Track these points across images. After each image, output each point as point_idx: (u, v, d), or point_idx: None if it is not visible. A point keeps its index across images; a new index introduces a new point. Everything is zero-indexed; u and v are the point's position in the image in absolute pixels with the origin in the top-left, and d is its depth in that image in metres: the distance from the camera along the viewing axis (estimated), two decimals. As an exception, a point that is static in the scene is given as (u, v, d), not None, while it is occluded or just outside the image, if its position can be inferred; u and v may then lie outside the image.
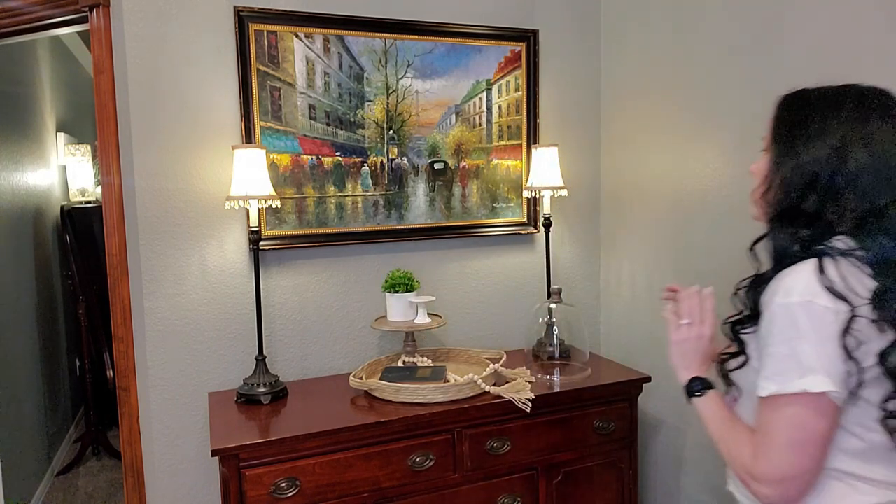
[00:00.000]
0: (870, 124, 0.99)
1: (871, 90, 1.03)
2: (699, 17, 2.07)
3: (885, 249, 0.96)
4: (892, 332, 0.94)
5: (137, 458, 2.05)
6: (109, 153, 1.98)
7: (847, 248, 0.98)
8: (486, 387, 1.94)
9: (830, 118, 1.01)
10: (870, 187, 0.97)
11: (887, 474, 0.99)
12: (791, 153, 1.03)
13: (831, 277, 0.94)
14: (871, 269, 0.96)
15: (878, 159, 0.98)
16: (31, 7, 2.03)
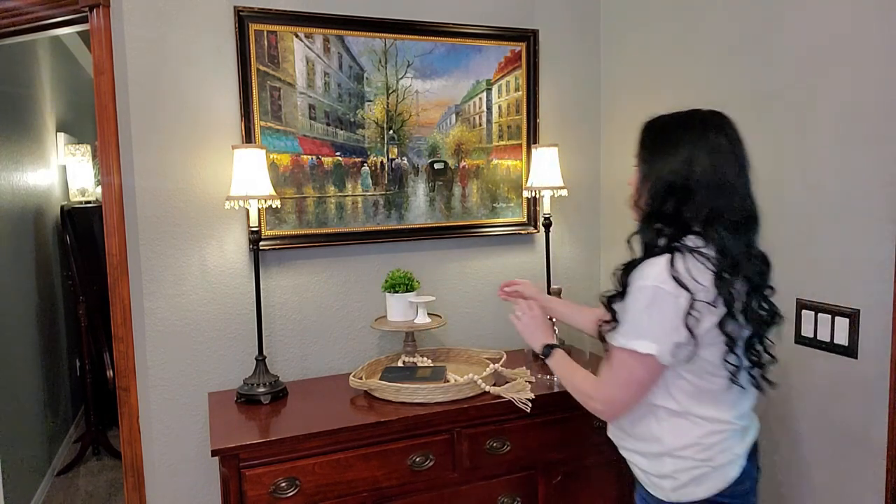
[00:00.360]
0: (710, 140, 1.27)
1: (710, 112, 1.34)
2: (699, 17, 2.07)
3: (723, 243, 1.24)
4: (724, 307, 1.23)
5: (137, 458, 2.05)
6: (109, 153, 1.98)
7: (695, 247, 1.25)
8: (486, 387, 1.94)
9: (681, 136, 1.29)
10: (712, 191, 1.25)
11: (714, 413, 1.30)
12: (653, 167, 1.31)
13: (678, 269, 1.22)
14: (711, 263, 1.23)
15: (717, 168, 1.25)
16: (31, 7, 2.03)
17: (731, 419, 1.31)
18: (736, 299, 1.24)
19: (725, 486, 1.31)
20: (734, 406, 1.32)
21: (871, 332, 1.58)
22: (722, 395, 1.30)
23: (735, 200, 1.26)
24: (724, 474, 1.31)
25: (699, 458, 1.30)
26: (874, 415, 1.58)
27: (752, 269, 1.26)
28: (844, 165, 1.63)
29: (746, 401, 1.36)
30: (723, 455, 1.31)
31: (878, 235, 1.54)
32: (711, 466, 1.30)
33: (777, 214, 1.81)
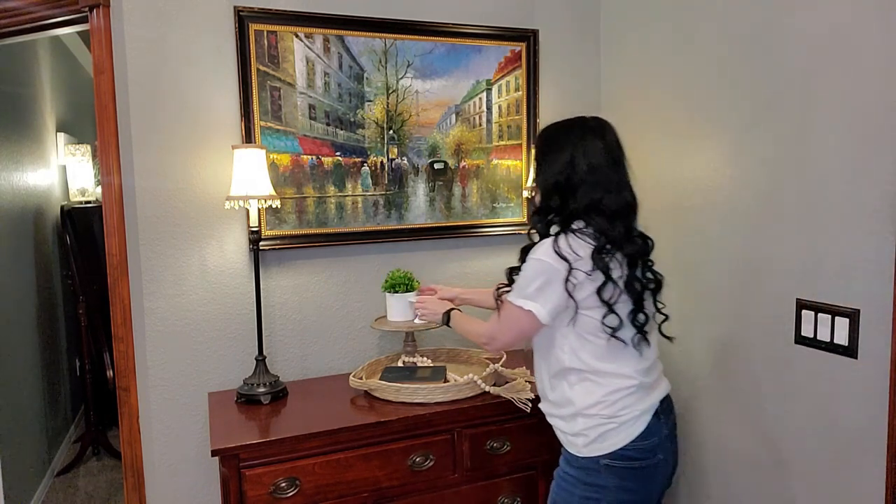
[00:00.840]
0: (588, 143, 1.49)
1: (593, 119, 1.56)
2: (699, 17, 2.07)
3: (600, 226, 1.47)
4: (603, 277, 1.44)
5: (137, 458, 2.05)
6: (109, 153, 1.98)
7: (577, 228, 1.49)
8: (486, 387, 1.94)
9: (563, 141, 1.52)
10: (590, 187, 1.47)
11: (615, 369, 1.50)
12: (543, 170, 1.55)
13: (560, 247, 1.45)
14: (592, 239, 1.47)
15: (595, 167, 1.48)
16: (31, 7, 2.03)
17: (631, 374, 1.50)
18: (613, 270, 1.46)
19: (630, 441, 1.48)
20: (634, 363, 1.51)
21: (871, 332, 1.58)
22: (618, 353, 1.50)
23: (612, 193, 1.48)
24: (628, 429, 1.49)
25: (604, 414, 1.49)
26: (874, 415, 1.57)
27: (631, 247, 1.48)
28: (844, 165, 1.63)
29: (646, 360, 1.54)
30: (626, 411, 1.49)
31: (878, 235, 1.54)
32: (617, 422, 1.49)
33: (777, 214, 1.81)
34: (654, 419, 1.52)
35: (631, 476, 1.49)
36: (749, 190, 1.91)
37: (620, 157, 1.52)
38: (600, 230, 1.46)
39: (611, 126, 1.55)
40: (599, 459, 1.50)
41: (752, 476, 1.95)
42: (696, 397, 2.14)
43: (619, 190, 1.49)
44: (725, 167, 1.99)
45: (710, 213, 2.06)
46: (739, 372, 1.97)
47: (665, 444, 1.53)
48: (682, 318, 2.18)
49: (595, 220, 1.47)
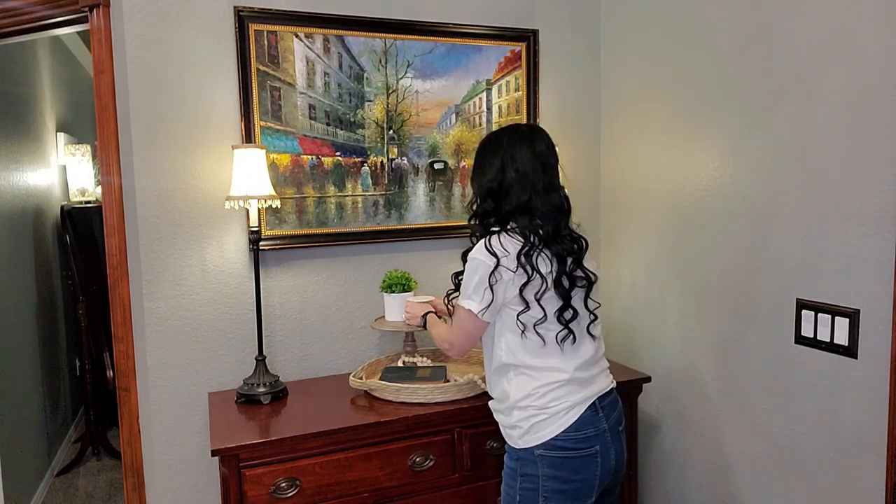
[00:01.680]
0: (516, 150, 1.58)
1: (527, 127, 1.65)
2: (699, 17, 2.07)
3: (526, 225, 1.55)
4: (527, 274, 1.51)
5: (137, 458, 2.05)
6: (109, 153, 1.98)
7: (510, 227, 1.57)
8: (486, 387, 1.94)
9: (495, 150, 1.61)
10: (519, 189, 1.56)
11: (546, 363, 1.56)
12: (477, 177, 1.65)
13: (492, 244, 1.54)
14: (520, 237, 1.55)
15: (522, 172, 1.56)
16: (31, 7, 2.03)
17: (561, 367, 1.56)
18: (541, 267, 1.53)
19: (561, 431, 1.53)
20: (565, 358, 1.57)
21: (871, 332, 1.58)
22: (549, 349, 1.56)
23: (539, 195, 1.55)
24: (559, 420, 1.54)
25: (536, 405, 1.55)
26: (874, 415, 1.58)
27: (559, 246, 1.55)
28: (844, 165, 1.63)
29: (579, 356, 1.59)
30: (557, 403, 1.54)
31: (878, 235, 1.54)
32: (548, 413, 1.54)
33: (777, 214, 1.81)
34: (590, 412, 1.56)
35: (563, 465, 1.54)
36: (749, 190, 1.91)
37: (549, 162, 1.59)
38: (528, 229, 1.54)
39: (543, 132, 1.64)
40: (534, 450, 1.55)
41: (752, 476, 1.95)
42: (696, 397, 2.14)
43: (547, 192, 1.57)
44: (725, 167, 1.99)
45: (709, 213, 2.06)
46: (739, 372, 1.97)
47: (603, 437, 1.56)
48: (683, 318, 2.19)
49: (523, 221, 1.55)
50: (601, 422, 1.57)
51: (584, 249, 1.62)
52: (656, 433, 2.36)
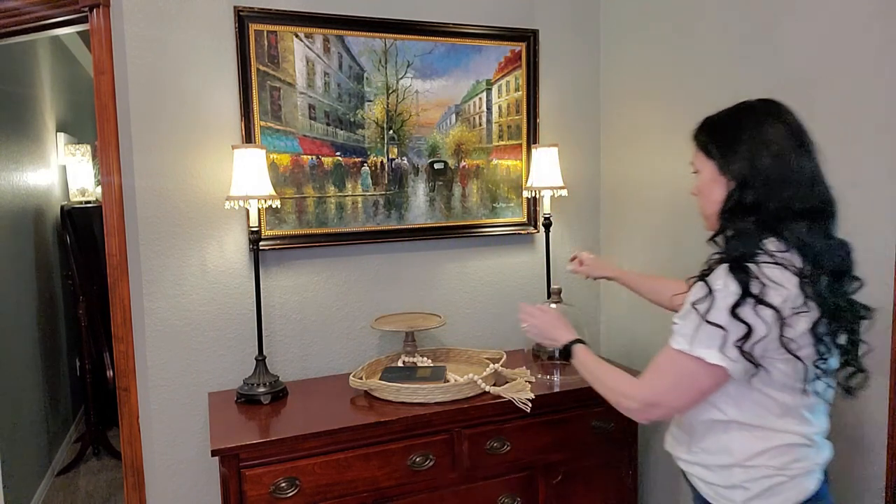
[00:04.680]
0: (765, 126, 1.21)
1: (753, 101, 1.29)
2: (698, 17, 2.07)
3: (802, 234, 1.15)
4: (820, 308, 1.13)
5: (137, 458, 2.05)
6: (109, 153, 1.98)
7: (775, 249, 1.16)
8: (485, 387, 1.94)
9: (741, 125, 1.24)
10: (780, 180, 1.16)
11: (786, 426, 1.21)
12: (730, 159, 1.23)
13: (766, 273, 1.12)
14: (797, 258, 1.14)
15: (778, 155, 1.17)
16: (31, 7, 2.03)
17: (808, 425, 1.23)
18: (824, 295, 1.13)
19: (803, 500, 1.21)
20: (816, 418, 1.24)
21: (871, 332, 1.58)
22: (798, 409, 1.21)
23: (805, 189, 1.17)
24: (801, 485, 1.22)
25: (772, 465, 1.21)
26: (874, 415, 1.57)
27: (834, 259, 1.16)
28: (844, 165, 1.62)
29: (824, 415, 1.27)
30: (799, 464, 1.22)
31: (879, 235, 1.54)
32: (787, 476, 1.21)
33: (777, 214, 1.81)
34: (825, 479, 1.27)
35: None
36: (749, 190, 1.90)
37: (808, 142, 1.22)
38: (802, 243, 1.15)
39: (783, 105, 1.28)
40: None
41: (751, 476, 1.95)
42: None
43: (814, 184, 1.19)
44: (725, 167, 1.98)
45: (710, 213, 2.06)
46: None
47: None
48: (682, 318, 2.18)
49: (796, 227, 1.16)
50: (828, 491, 1.28)
51: None
52: (656, 433, 2.36)
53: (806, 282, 1.13)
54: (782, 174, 1.16)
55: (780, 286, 1.12)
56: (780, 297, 1.12)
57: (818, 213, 1.17)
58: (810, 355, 1.16)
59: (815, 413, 1.24)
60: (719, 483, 1.27)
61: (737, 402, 1.21)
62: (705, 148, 1.29)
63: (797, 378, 1.17)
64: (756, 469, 1.22)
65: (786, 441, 1.21)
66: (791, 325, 1.12)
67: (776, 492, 1.21)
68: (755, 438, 1.22)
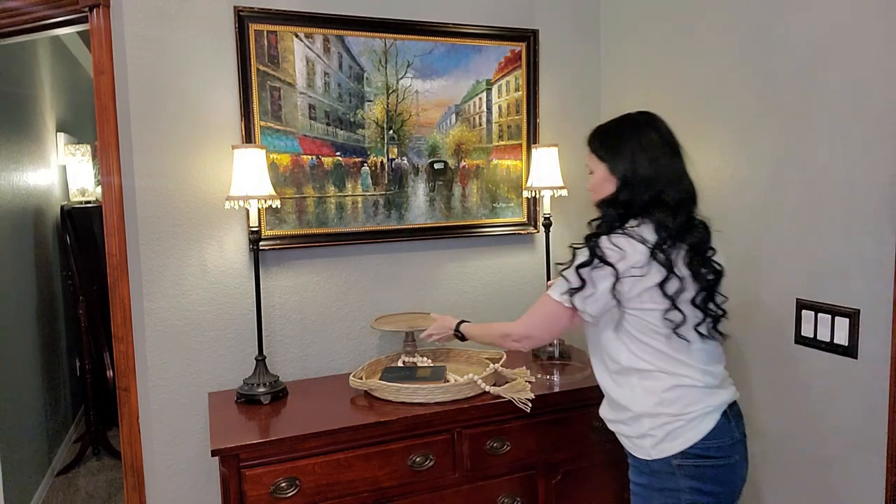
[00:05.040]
0: (642, 135, 1.49)
1: (634, 113, 1.57)
2: (699, 17, 2.07)
3: (661, 218, 1.44)
4: (666, 270, 1.40)
5: (137, 458, 2.05)
6: (109, 153, 1.98)
7: (638, 224, 1.46)
8: (486, 387, 1.94)
9: (622, 136, 1.52)
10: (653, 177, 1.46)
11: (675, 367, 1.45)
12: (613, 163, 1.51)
13: (618, 240, 1.43)
14: (653, 232, 1.43)
15: (653, 158, 1.46)
16: (31, 7, 2.03)
17: (692, 370, 1.45)
18: (677, 263, 1.42)
19: (700, 439, 1.42)
20: (697, 361, 1.46)
21: (871, 332, 1.58)
22: (679, 352, 1.45)
23: (673, 183, 1.47)
24: (697, 427, 1.43)
25: (670, 412, 1.44)
26: (874, 415, 1.58)
27: (694, 236, 1.45)
28: (844, 165, 1.63)
29: (711, 359, 1.49)
30: (693, 408, 1.43)
31: (878, 235, 1.54)
32: (684, 420, 1.43)
33: (777, 214, 1.81)
34: (724, 420, 1.45)
35: (707, 476, 1.43)
36: (749, 190, 1.91)
37: (677, 147, 1.51)
38: (663, 221, 1.43)
39: (658, 116, 1.55)
40: (671, 460, 1.44)
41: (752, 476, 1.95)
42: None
43: (680, 178, 1.48)
44: (725, 167, 1.99)
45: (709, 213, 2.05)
46: (739, 372, 1.97)
47: (739, 447, 1.47)
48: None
49: (658, 213, 1.44)
50: (734, 430, 1.47)
51: (710, 238, 1.49)
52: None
53: (656, 251, 1.40)
54: (656, 174, 1.45)
55: (622, 250, 1.41)
56: (617, 257, 1.41)
57: (684, 202, 1.46)
58: (660, 307, 1.42)
59: (695, 357, 1.46)
60: (634, 434, 1.51)
61: (628, 349, 1.48)
62: (597, 152, 1.56)
63: (658, 326, 1.43)
64: (659, 417, 1.45)
65: (675, 382, 1.44)
66: (625, 282, 1.42)
67: (677, 435, 1.43)
68: (651, 384, 1.46)
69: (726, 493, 1.46)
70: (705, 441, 1.42)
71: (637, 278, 1.41)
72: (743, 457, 1.49)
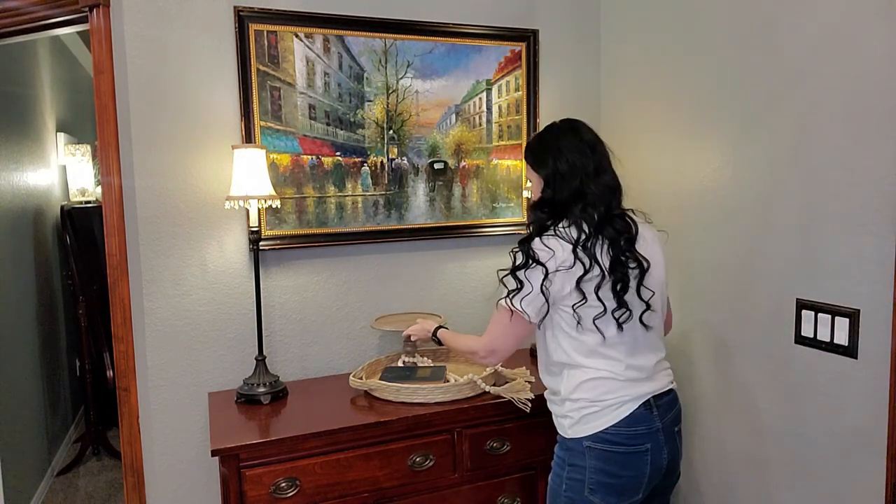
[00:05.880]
0: (562, 141, 1.59)
1: (559, 121, 1.66)
2: (699, 17, 2.07)
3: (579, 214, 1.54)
4: (584, 266, 1.49)
5: (137, 458, 2.05)
6: (109, 153, 1.98)
7: (563, 225, 1.55)
8: (485, 387, 1.94)
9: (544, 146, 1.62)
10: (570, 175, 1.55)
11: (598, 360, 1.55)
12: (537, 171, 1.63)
13: (545, 242, 1.52)
14: (575, 230, 1.52)
15: (570, 160, 1.56)
16: (31, 7, 2.03)
17: (615, 361, 1.54)
18: (598, 257, 1.50)
19: (611, 425, 1.52)
20: (620, 353, 1.54)
21: (871, 332, 1.58)
22: (603, 344, 1.54)
23: (591, 179, 1.56)
24: (610, 414, 1.53)
25: (587, 397, 1.54)
26: (874, 415, 1.57)
27: (613, 228, 1.52)
28: (844, 165, 1.63)
29: (634, 350, 1.56)
30: (610, 396, 1.53)
31: (878, 235, 1.54)
32: (599, 407, 1.53)
33: (777, 214, 1.81)
34: (644, 409, 1.54)
35: (611, 459, 1.52)
36: (749, 190, 1.91)
37: (597, 147, 1.61)
38: (581, 218, 1.52)
39: (584, 123, 1.66)
40: (582, 441, 1.55)
41: (752, 476, 1.95)
42: (696, 397, 2.14)
43: (598, 174, 1.57)
44: (725, 167, 1.99)
45: (709, 213, 2.06)
46: (739, 372, 1.97)
47: (655, 436, 1.55)
48: (683, 318, 2.18)
49: (577, 208, 1.53)
50: (655, 420, 1.55)
51: (636, 231, 1.57)
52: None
53: (578, 248, 1.49)
54: (573, 171, 1.55)
55: (551, 250, 1.50)
56: (547, 256, 1.50)
57: (602, 196, 1.54)
58: (580, 301, 1.51)
59: (618, 350, 1.54)
60: (557, 413, 1.64)
61: (558, 344, 1.58)
62: (527, 160, 1.67)
63: (584, 320, 1.52)
64: (577, 402, 1.56)
65: (593, 375, 1.54)
66: (553, 280, 1.50)
67: (589, 419, 1.54)
68: (575, 374, 1.56)
69: (631, 477, 1.53)
70: (616, 427, 1.52)
71: (565, 274, 1.50)
72: (660, 446, 1.55)
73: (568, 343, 1.57)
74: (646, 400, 1.55)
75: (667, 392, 1.61)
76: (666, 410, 1.59)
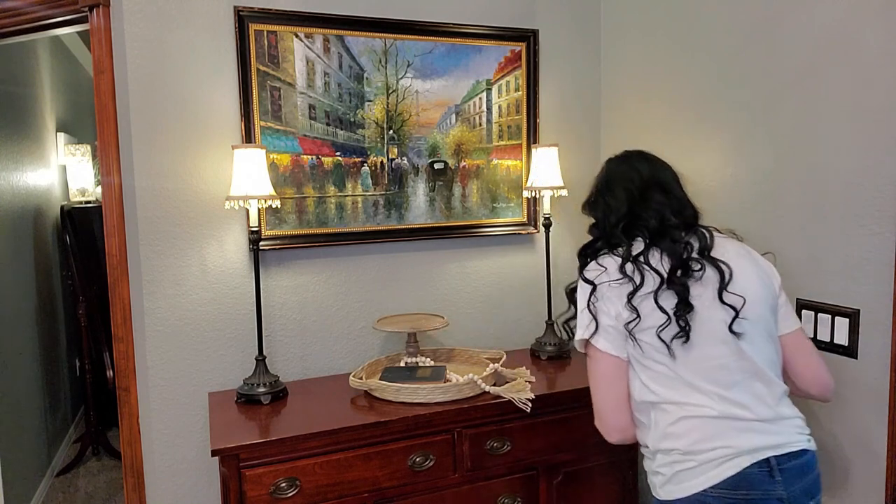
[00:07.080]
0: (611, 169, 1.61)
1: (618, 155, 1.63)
2: (699, 17, 2.07)
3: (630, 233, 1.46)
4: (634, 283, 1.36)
5: (137, 458, 2.05)
6: (109, 153, 1.98)
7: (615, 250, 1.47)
8: (486, 387, 1.94)
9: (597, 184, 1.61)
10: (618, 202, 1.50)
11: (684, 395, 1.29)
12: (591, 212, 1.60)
13: (590, 266, 1.50)
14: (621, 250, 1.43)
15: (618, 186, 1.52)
16: (31, 7, 2.03)
17: (705, 396, 1.26)
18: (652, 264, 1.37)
19: (711, 485, 1.20)
20: (709, 385, 1.26)
21: (871, 332, 1.58)
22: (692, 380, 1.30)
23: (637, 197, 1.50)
24: (712, 471, 1.21)
25: (680, 448, 1.25)
26: (874, 415, 1.57)
27: (670, 240, 1.40)
28: (845, 165, 1.63)
29: (730, 381, 1.26)
30: (707, 445, 1.22)
31: (879, 235, 1.54)
32: (696, 462, 1.22)
33: (777, 214, 1.81)
34: (760, 470, 1.21)
35: None
36: (749, 189, 1.91)
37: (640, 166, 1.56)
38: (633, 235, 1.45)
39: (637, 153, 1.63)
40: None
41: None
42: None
43: (644, 189, 1.50)
44: (726, 167, 1.99)
45: (709, 213, 2.05)
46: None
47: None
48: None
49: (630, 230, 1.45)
50: (776, 487, 1.20)
51: (710, 241, 1.39)
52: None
53: (627, 262, 1.38)
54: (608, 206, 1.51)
55: (603, 267, 1.42)
56: (596, 274, 1.42)
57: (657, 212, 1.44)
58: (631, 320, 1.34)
59: (706, 379, 1.27)
60: (649, 470, 1.37)
61: (637, 378, 1.35)
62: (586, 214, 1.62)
63: (657, 344, 1.31)
64: (669, 454, 1.28)
65: (681, 414, 1.27)
66: (604, 296, 1.39)
67: (685, 476, 1.24)
68: (661, 416, 1.30)
69: None
70: (718, 490, 1.19)
71: (618, 289, 1.37)
72: None
73: (644, 374, 1.33)
74: (764, 458, 1.21)
75: (798, 453, 1.25)
76: (793, 478, 1.22)
